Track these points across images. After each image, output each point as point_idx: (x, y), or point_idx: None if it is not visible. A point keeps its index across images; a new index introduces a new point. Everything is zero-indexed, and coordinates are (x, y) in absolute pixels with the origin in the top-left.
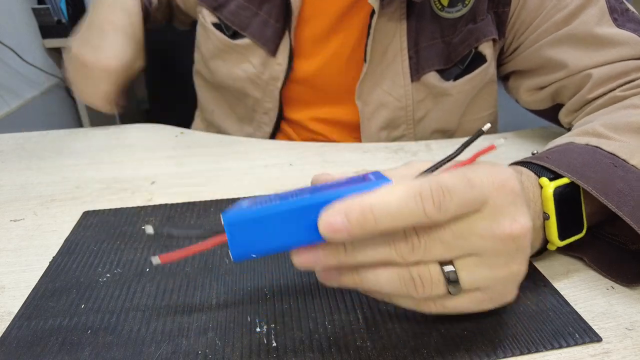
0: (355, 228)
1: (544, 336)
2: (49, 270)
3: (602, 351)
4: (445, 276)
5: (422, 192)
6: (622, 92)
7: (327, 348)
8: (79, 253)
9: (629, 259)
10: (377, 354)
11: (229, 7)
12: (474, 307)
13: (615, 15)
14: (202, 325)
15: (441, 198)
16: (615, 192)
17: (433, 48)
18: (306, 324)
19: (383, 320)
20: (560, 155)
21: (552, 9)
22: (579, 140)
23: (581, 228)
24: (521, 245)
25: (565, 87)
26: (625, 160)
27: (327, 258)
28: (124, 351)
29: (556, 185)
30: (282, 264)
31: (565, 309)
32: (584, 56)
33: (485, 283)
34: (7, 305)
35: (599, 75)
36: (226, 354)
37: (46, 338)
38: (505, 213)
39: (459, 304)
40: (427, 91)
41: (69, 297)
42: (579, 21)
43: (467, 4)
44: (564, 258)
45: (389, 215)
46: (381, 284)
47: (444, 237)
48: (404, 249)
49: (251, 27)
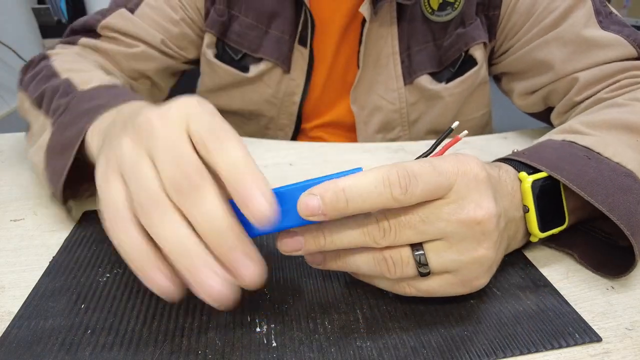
0: (328, 208)
1: (544, 336)
2: (49, 270)
3: (602, 351)
4: (415, 258)
5: (390, 176)
6: (607, 93)
7: (327, 348)
8: (79, 253)
9: (617, 254)
10: (377, 354)
11: (233, 28)
12: (446, 289)
13: (600, 17)
14: (202, 325)
15: (407, 182)
16: (588, 182)
17: (425, 51)
18: (306, 323)
19: (383, 320)
20: (537, 151)
21: (542, 12)
22: (556, 137)
23: (563, 220)
24: (486, 229)
25: (554, 90)
26: (599, 153)
27: (308, 244)
28: (124, 351)
29: (534, 179)
30: (282, 264)
31: (565, 309)
32: (571, 59)
33: (453, 266)
34: (7, 305)
35: (586, 78)
36: (226, 354)
37: (46, 338)
38: (469, 199)
39: (430, 286)
40: (420, 94)
41: (69, 297)
42: (567, 23)
43: (456, 8)
44: (564, 258)
45: (359, 197)
46: (359, 266)
47: (412, 222)
48: (376, 234)
49: (264, 47)
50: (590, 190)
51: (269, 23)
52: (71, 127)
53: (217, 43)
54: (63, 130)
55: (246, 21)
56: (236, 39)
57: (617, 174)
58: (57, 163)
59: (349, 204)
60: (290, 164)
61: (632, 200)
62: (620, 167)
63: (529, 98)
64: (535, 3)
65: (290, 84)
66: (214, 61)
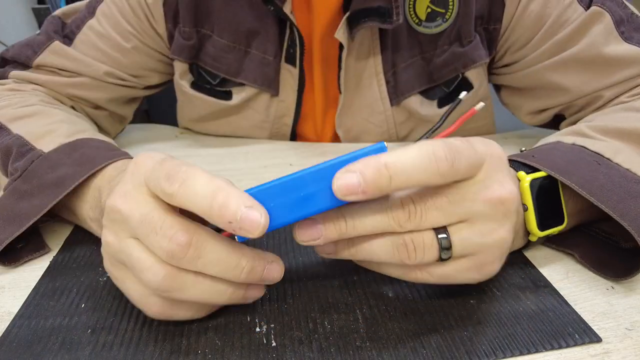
0: (370, 186)
1: (544, 336)
2: (50, 269)
3: (602, 351)
4: (439, 242)
5: (437, 151)
6: (628, 97)
7: (327, 348)
8: (80, 252)
9: (620, 256)
10: (377, 354)
11: (206, 50)
12: (461, 274)
13: (622, 28)
14: (201, 325)
15: (453, 157)
16: (598, 187)
17: (412, 67)
18: (305, 323)
19: (383, 320)
20: (546, 154)
21: (553, 25)
22: (566, 140)
23: (561, 220)
24: (508, 209)
25: (572, 106)
26: (609, 159)
27: (328, 231)
28: (124, 351)
29: (532, 178)
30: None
31: (565, 310)
32: (592, 80)
33: (473, 249)
34: (7, 305)
35: (610, 95)
36: (225, 354)
37: (46, 337)
38: (494, 178)
39: (446, 271)
40: (408, 115)
41: (69, 297)
42: (585, 42)
43: (447, 19)
44: (564, 258)
45: (404, 173)
46: (375, 253)
47: (439, 204)
48: (401, 217)
49: (246, 71)
50: (600, 196)
51: (248, 43)
52: (29, 198)
53: (190, 69)
54: (18, 197)
55: (221, 42)
56: (212, 62)
57: (628, 180)
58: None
59: (392, 180)
60: (290, 164)
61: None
62: (630, 174)
63: (539, 116)
64: (543, 15)
65: (280, 106)
66: (192, 93)
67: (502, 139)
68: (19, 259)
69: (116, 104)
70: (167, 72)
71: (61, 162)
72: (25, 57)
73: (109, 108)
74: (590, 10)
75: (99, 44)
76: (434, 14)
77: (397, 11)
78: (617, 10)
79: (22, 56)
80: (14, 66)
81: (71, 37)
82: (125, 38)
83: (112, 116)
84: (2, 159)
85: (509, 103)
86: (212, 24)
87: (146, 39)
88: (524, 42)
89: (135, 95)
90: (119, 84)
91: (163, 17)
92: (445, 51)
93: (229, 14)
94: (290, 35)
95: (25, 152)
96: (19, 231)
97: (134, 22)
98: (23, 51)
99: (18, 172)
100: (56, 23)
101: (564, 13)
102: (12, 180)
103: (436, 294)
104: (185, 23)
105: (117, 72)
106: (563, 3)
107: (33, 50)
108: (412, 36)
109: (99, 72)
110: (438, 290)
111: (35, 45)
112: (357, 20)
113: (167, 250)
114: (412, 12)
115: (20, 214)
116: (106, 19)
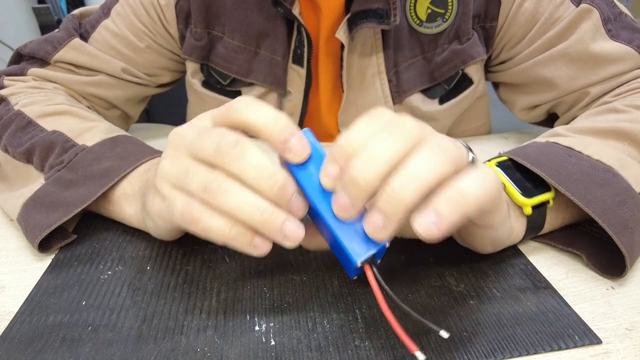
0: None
1: (544, 338)
2: (51, 267)
3: (602, 351)
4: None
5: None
6: (612, 97)
7: (326, 347)
8: (81, 250)
9: (620, 255)
10: (375, 353)
11: (217, 51)
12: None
13: (609, 25)
14: (201, 323)
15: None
16: (566, 176)
17: (414, 67)
18: (305, 322)
19: (381, 320)
20: (520, 149)
21: (545, 23)
22: (540, 139)
23: (547, 188)
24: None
25: (561, 103)
26: (580, 152)
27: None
28: (124, 348)
29: (497, 162)
30: (282, 264)
31: (565, 311)
32: (579, 76)
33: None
34: (8, 305)
35: (596, 92)
36: (225, 352)
37: (47, 334)
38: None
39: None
40: (411, 112)
41: (70, 294)
42: (573, 38)
43: (447, 19)
44: (564, 258)
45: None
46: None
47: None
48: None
49: (255, 71)
50: (567, 185)
51: (257, 44)
52: (75, 187)
53: (201, 68)
54: (63, 186)
55: (232, 44)
56: (223, 63)
57: (597, 170)
58: (42, 216)
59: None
60: None
61: (610, 193)
62: (600, 164)
63: (532, 112)
64: (536, 13)
65: (288, 106)
66: (203, 91)
67: (502, 139)
68: (51, 246)
69: (131, 103)
70: (179, 70)
71: (105, 155)
72: (45, 52)
73: (123, 107)
74: (579, 7)
75: (114, 43)
76: (434, 15)
77: (395, 12)
78: (605, 8)
79: (41, 51)
80: (30, 62)
81: (86, 37)
82: (139, 37)
83: (122, 116)
84: (42, 154)
85: (506, 100)
86: (222, 25)
87: (159, 39)
88: (518, 39)
89: (148, 94)
90: (134, 82)
91: (175, 19)
92: (445, 50)
93: (240, 15)
94: (298, 37)
95: (69, 147)
96: (66, 217)
97: (147, 23)
98: (42, 47)
99: (63, 163)
100: (75, 21)
101: (556, 11)
102: (56, 171)
103: (436, 294)
104: (197, 24)
105: (132, 69)
106: (555, 1)
107: (53, 46)
108: (414, 36)
109: (117, 68)
110: (438, 290)
111: (55, 41)
112: (357, 21)
113: (217, 143)
114: (413, 13)
115: (65, 202)
116: (120, 19)
